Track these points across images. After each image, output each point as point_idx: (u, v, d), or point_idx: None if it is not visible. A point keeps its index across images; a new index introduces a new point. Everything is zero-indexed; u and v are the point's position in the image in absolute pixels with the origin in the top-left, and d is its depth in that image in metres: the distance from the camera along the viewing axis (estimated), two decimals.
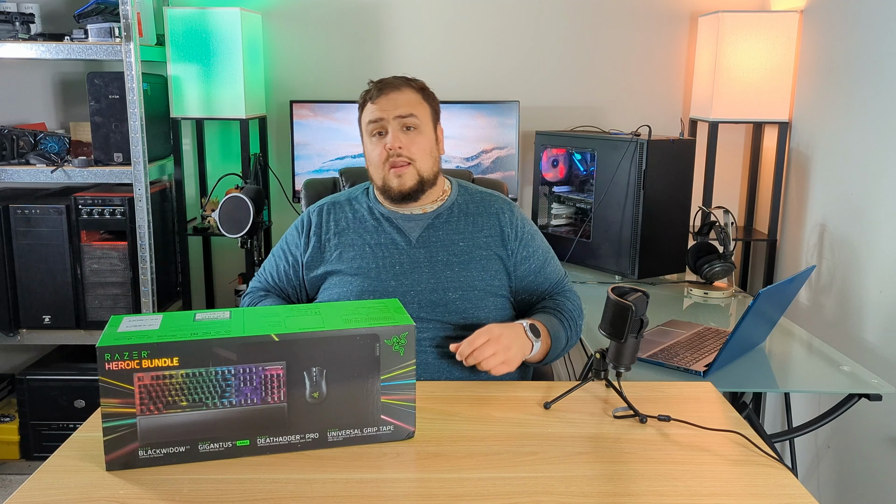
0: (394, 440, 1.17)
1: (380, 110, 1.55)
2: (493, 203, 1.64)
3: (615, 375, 1.33)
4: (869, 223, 2.19)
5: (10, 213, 2.56)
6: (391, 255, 1.56)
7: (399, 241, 1.58)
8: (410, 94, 1.57)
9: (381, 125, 1.55)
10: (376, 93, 1.56)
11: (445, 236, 1.58)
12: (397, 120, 1.54)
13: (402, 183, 1.55)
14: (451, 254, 1.57)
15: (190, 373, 1.07)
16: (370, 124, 1.56)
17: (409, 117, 1.55)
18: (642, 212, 2.36)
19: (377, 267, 1.55)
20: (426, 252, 1.57)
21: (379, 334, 1.13)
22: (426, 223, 1.59)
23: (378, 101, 1.55)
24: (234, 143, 2.98)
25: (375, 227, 1.60)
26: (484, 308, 1.54)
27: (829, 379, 1.74)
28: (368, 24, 2.93)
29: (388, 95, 1.56)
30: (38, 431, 2.68)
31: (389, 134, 1.54)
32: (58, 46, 2.49)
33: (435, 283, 1.54)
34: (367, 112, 1.58)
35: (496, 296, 1.56)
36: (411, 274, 1.54)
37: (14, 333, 2.63)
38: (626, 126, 2.91)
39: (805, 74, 2.60)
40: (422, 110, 1.57)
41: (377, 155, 1.56)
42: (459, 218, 1.61)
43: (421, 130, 1.56)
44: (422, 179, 1.56)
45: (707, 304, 2.27)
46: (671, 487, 1.06)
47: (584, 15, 2.92)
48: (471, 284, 1.54)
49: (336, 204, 1.66)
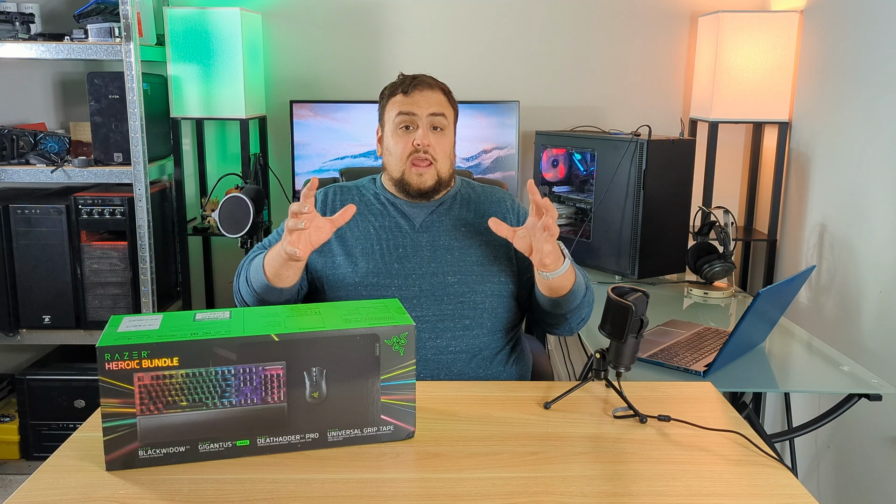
0: (394, 440, 1.17)
1: (413, 105, 1.57)
2: (495, 193, 1.69)
3: (615, 375, 1.33)
4: (869, 223, 2.19)
5: (10, 213, 2.56)
6: (394, 238, 1.59)
7: (403, 225, 1.60)
8: (440, 95, 1.60)
9: (411, 119, 1.57)
10: (409, 87, 1.58)
11: (448, 221, 1.61)
12: (429, 118, 1.57)
13: (423, 181, 1.58)
14: (453, 238, 1.60)
15: (190, 373, 1.07)
16: (400, 115, 1.57)
17: (439, 117, 1.58)
18: (642, 212, 2.36)
19: (381, 249, 1.57)
20: (429, 236, 1.59)
21: (379, 334, 1.13)
22: (430, 209, 1.63)
23: (412, 95, 1.57)
24: (234, 143, 2.98)
25: (381, 211, 1.62)
26: (481, 293, 1.55)
27: (829, 379, 1.74)
28: (368, 24, 2.93)
29: (423, 92, 1.58)
30: (38, 431, 2.68)
31: (420, 130, 1.56)
32: (58, 46, 2.49)
33: (435, 267, 1.56)
34: (396, 103, 1.59)
35: (494, 281, 1.57)
36: (413, 257, 1.57)
37: (14, 333, 2.63)
38: (626, 126, 2.91)
39: (805, 74, 2.60)
40: (449, 112, 1.61)
41: (401, 148, 1.57)
42: (462, 206, 1.64)
43: (446, 132, 1.60)
44: (439, 180, 1.60)
45: (707, 304, 2.27)
46: (671, 487, 1.06)
47: (584, 15, 2.92)
48: (469, 269, 1.56)
49: (342, 188, 1.68)
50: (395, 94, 1.60)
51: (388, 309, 1.20)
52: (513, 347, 1.62)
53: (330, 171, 2.79)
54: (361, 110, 2.80)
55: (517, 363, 1.62)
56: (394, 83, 1.63)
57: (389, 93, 1.62)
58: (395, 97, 1.60)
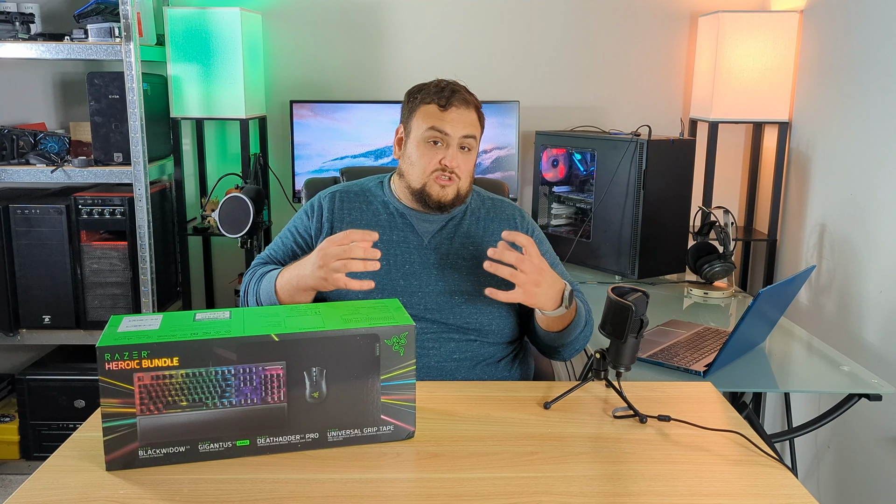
0: (394, 440, 1.17)
1: (448, 124, 1.51)
2: (505, 209, 1.66)
3: (615, 375, 1.33)
4: (869, 223, 2.19)
5: (10, 213, 2.56)
6: (402, 254, 1.56)
7: (411, 240, 1.57)
8: (473, 115, 1.56)
9: (443, 138, 1.52)
10: (448, 101, 1.52)
11: (457, 239, 1.58)
12: (461, 139, 1.53)
13: (445, 195, 1.53)
14: (461, 257, 1.57)
15: (190, 373, 1.07)
16: (432, 131, 1.52)
17: (470, 138, 1.54)
18: (642, 212, 2.36)
19: (387, 265, 1.54)
20: (437, 254, 1.56)
21: (379, 334, 1.13)
22: (440, 224, 1.59)
23: (448, 111, 1.52)
24: (234, 143, 2.97)
25: (389, 223, 1.58)
26: (488, 313, 1.53)
27: (829, 379, 1.74)
28: (368, 24, 2.93)
29: (459, 110, 1.53)
30: (38, 431, 2.68)
31: (450, 149, 1.52)
32: (58, 46, 2.49)
33: (443, 286, 1.54)
34: (429, 115, 1.53)
35: (502, 304, 1.54)
36: (420, 274, 1.54)
37: (14, 333, 2.63)
38: (626, 126, 2.91)
39: (805, 74, 2.60)
40: (478, 133, 1.58)
41: (427, 162, 1.52)
42: (472, 222, 1.61)
43: (473, 152, 1.57)
44: (459, 195, 1.55)
45: (707, 304, 2.27)
46: (671, 487, 1.06)
47: (584, 15, 2.92)
48: (478, 289, 1.53)
49: (348, 193, 1.63)
50: (430, 104, 1.53)
51: (388, 309, 1.20)
52: (516, 354, 1.62)
53: (330, 171, 2.79)
54: (361, 110, 2.80)
55: (520, 367, 1.63)
56: (428, 88, 1.56)
57: (422, 99, 1.55)
58: (429, 107, 1.53)
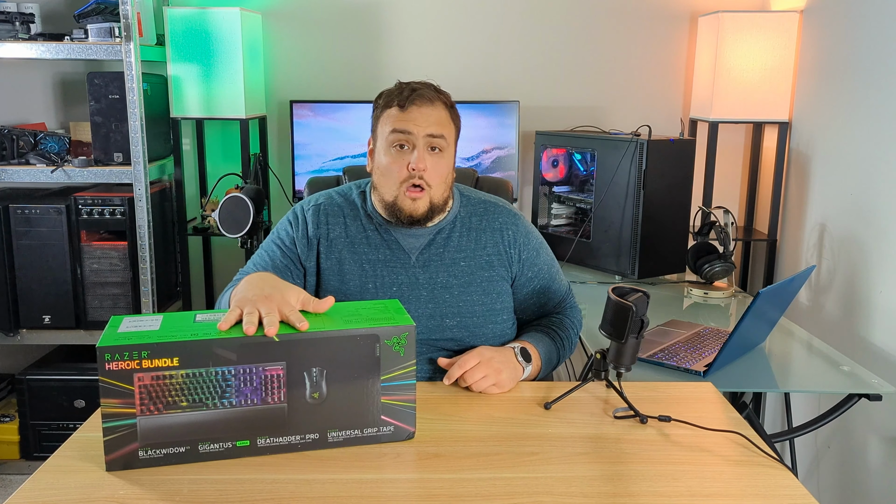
0: (394, 440, 1.17)
1: (410, 123, 1.41)
2: (497, 217, 1.55)
3: (615, 376, 1.33)
4: (869, 223, 2.19)
5: (10, 213, 2.56)
6: (389, 274, 1.49)
7: (399, 258, 1.49)
8: (441, 112, 1.44)
9: (407, 139, 1.42)
10: (406, 100, 1.42)
11: (447, 255, 1.50)
12: (427, 139, 1.42)
13: (416, 208, 1.44)
14: (451, 275, 1.49)
15: (190, 373, 1.07)
16: (395, 133, 1.42)
17: (438, 138, 1.43)
18: (642, 212, 2.36)
19: (374, 287, 1.48)
20: (426, 273, 1.49)
21: (379, 335, 1.13)
22: (427, 240, 1.50)
23: (409, 110, 1.42)
24: (234, 143, 2.98)
25: (375, 240, 1.50)
26: (481, 336, 1.49)
27: (829, 379, 1.74)
28: (368, 24, 2.93)
29: (421, 108, 1.42)
30: (38, 431, 2.68)
31: (416, 153, 1.41)
32: (58, 46, 2.49)
33: (433, 309, 1.48)
34: (391, 118, 1.44)
35: (497, 320, 1.51)
36: (409, 297, 1.48)
37: (14, 333, 2.63)
38: (626, 126, 2.91)
39: (805, 74, 2.60)
40: (449, 131, 1.46)
41: (396, 170, 1.43)
42: (461, 234, 1.52)
43: (445, 154, 1.45)
44: (432, 207, 1.46)
45: (707, 304, 2.27)
46: (671, 488, 1.06)
47: (584, 15, 2.92)
48: (470, 310, 1.49)
49: (332, 206, 1.53)
50: (391, 107, 1.44)
51: (388, 309, 1.20)
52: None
53: (329, 171, 2.79)
54: (361, 110, 2.80)
55: None
56: (389, 91, 1.47)
57: (384, 103, 1.46)
58: (390, 110, 1.44)
